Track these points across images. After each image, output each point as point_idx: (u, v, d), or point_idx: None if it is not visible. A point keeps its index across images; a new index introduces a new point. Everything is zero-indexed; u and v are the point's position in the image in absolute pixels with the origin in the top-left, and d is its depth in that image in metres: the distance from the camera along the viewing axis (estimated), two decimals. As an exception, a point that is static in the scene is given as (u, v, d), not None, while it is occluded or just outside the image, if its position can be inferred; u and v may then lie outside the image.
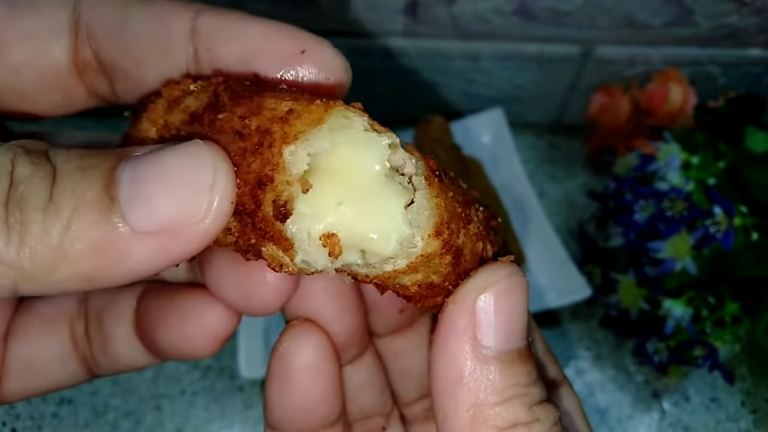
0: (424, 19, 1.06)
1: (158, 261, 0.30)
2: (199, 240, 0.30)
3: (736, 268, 0.89)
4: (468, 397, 0.32)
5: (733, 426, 1.03)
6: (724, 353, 0.91)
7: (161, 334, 0.43)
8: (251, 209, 0.31)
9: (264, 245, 0.32)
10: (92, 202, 0.28)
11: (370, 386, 0.47)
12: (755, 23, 1.05)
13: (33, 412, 1.03)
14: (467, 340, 0.33)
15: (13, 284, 0.28)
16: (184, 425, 1.03)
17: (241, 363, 0.98)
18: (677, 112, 1.11)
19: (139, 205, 0.28)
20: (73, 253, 0.28)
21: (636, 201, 0.93)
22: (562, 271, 1.04)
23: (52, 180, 0.28)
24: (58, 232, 0.28)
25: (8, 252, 0.27)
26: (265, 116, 0.30)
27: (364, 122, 0.32)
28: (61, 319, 0.44)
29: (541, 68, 1.17)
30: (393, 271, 0.33)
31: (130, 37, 0.36)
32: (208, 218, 0.29)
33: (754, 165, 0.91)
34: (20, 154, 0.29)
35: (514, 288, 0.34)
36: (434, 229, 0.32)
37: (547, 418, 0.33)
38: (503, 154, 1.18)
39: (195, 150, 0.30)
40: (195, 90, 0.35)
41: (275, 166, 0.30)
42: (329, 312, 0.42)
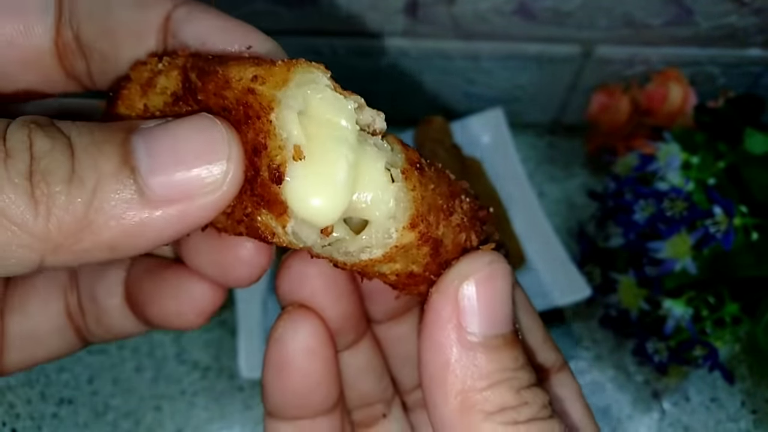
0: (424, 19, 1.06)
1: (177, 228, 0.31)
2: (216, 207, 0.31)
3: (736, 268, 0.89)
4: (455, 383, 0.33)
5: (733, 426, 1.03)
6: (724, 353, 0.91)
7: (152, 309, 0.44)
8: (251, 176, 0.32)
9: (259, 214, 0.33)
10: (114, 174, 0.29)
11: (368, 372, 0.48)
12: (755, 23, 1.05)
13: (33, 412, 1.03)
14: (452, 328, 0.33)
15: (39, 257, 0.29)
16: (184, 425, 1.03)
17: (241, 363, 0.98)
18: (677, 112, 1.11)
19: (160, 174, 0.30)
20: (98, 223, 0.29)
21: (636, 201, 0.93)
22: (562, 271, 1.04)
23: (71, 153, 0.29)
24: (83, 203, 0.29)
25: (37, 223, 0.28)
26: (235, 89, 0.31)
27: (327, 80, 0.32)
28: (55, 291, 0.46)
29: (541, 68, 1.17)
30: (369, 260, 0.34)
31: (110, 20, 0.38)
32: (224, 186, 0.31)
33: (754, 165, 0.91)
34: (35, 128, 0.29)
35: (495, 274, 0.34)
36: (409, 222, 0.33)
37: (536, 402, 0.34)
38: (503, 154, 1.18)
39: (207, 122, 0.31)
40: (163, 69, 0.35)
41: (266, 133, 0.31)
42: (324, 297, 0.43)
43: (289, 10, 1.04)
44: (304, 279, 0.43)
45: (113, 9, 0.38)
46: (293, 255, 0.43)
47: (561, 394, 0.41)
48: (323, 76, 0.32)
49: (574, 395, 0.41)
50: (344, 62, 1.15)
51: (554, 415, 0.34)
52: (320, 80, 0.32)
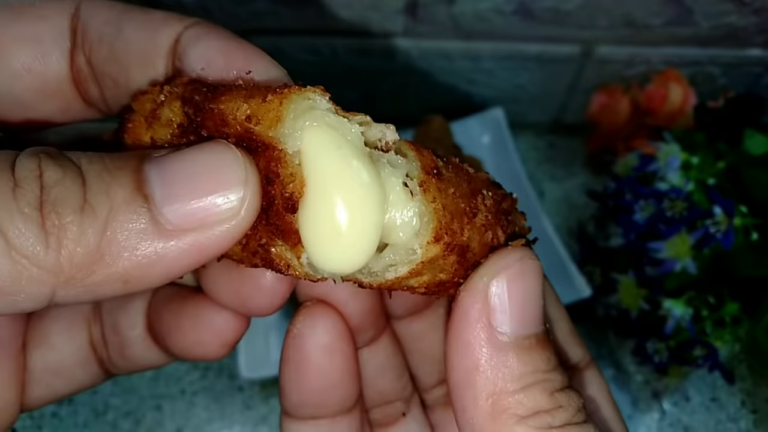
0: (424, 19, 1.06)
1: (193, 259, 0.30)
2: (233, 235, 0.30)
3: (736, 268, 0.89)
4: (486, 385, 0.32)
5: (733, 426, 1.03)
6: (724, 353, 0.91)
7: (174, 340, 0.43)
8: (265, 205, 0.31)
9: (274, 245, 0.32)
10: (127, 203, 0.28)
11: (388, 370, 0.46)
12: (755, 23, 1.05)
13: (33, 412, 1.03)
14: (482, 328, 0.32)
15: (51, 291, 0.28)
16: (184, 425, 1.03)
17: (240, 363, 0.98)
18: (677, 112, 1.11)
19: (175, 202, 0.29)
20: (111, 254, 0.28)
21: (636, 201, 0.93)
22: (562, 271, 1.04)
23: (83, 182, 0.28)
24: (95, 233, 0.28)
25: (48, 257, 0.27)
26: (233, 126, 0.31)
27: (327, 102, 0.31)
28: (79, 323, 0.45)
29: (541, 68, 1.17)
30: (395, 278, 0.32)
31: (120, 45, 0.37)
32: (242, 212, 0.30)
33: (753, 166, 0.91)
34: (45, 158, 0.28)
35: (526, 271, 0.33)
36: (433, 236, 0.32)
37: (570, 405, 0.32)
38: (503, 154, 1.18)
39: (222, 149, 0.30)
40: (165, 99, 0.35)
41: (278, 161, 0.30)
42: (342, 292, 0.42)
43: (289, 10, 1.04)
44: None
45: (123, 32, 0.37)
46: None
47: (590, 393, 0.40)
48: (322, 99, 0.31)
49: (604, 394, 0.40)
50: (344, 62, 1.15)
51: (589, 419, 0.33)
52: (319, 104, 0.31)
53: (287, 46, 1.12)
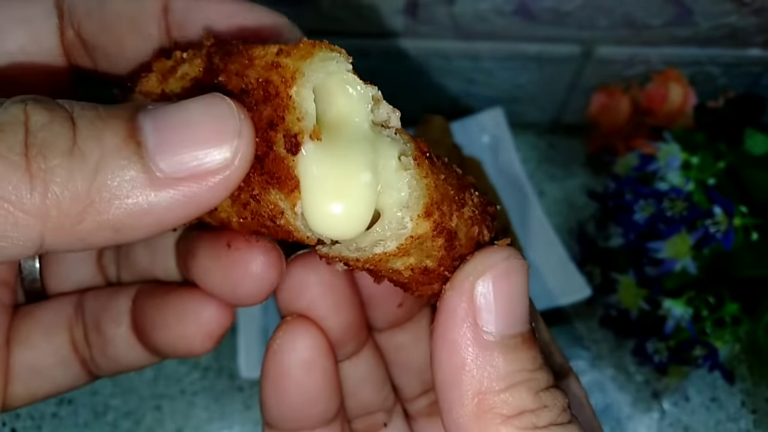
0: (424, 19, 1.06)
1: (185, 210, 0.29)
2: (225, 186, 0.30)
3: (736, 268, 0.89)
4: (472, 384, 0.32)
5: (733, 426, 1.03)
6: (724, 353, 0.91)
7: (158, 334, 0.43)
8: (262, 152, 0.31)
9: (266, 193, 0.32)
10: (118, 149, 0.28)
11: (369, 382, 0.46)
12: (755, 23, 1.05)
13: (33, 412, 1.03)
14: (468, 327, 0.32)
15: (39, 236, 0.27)
16: (184, 425, 1.03)
17: (240, 363, 0.98)
18: (677, 112, 1.11)
19: (168, 150, 0.28)
20: (101, 200, 0.27)
21: (636, 201, 0.93)
22: (562, 271, 1.04)
23: (72, 125, 0.27)
24: (85, 179, 0.27)
25: (33, 199, 0.26)
26: (258, 65, 0.31)
27: (348, 64, 0.32)
28: (60, 323, 0.45)
29: (541, 68, 1.17)
30: (383, 253, 0.32)
31: (109, 16, 0.38)
32: (235, 163, 0.29)
33: (753, 166, 0.91)
34: (32, 103, 0.28)
35: (512, 271, 0.33)
36: (424, 210, 0.32)
37: (555, 405, 0.32)
38: (503, 154, 1.18)
39: (217, 101, 0.30)
40: (187, 58, 0.35)
41: (285, 107, 0.31)
42: (323, 307, 0.42)
43: (289, 10, 1.04)
44: (304, 288, 0.42)
45: (109, 3, 0.38)
46: (293, 264, 0.42)
47: (574, 394, 0.40)
48: (344, 60, 0.32)
49: (583, 401, 0.40)
50: (344, 62, 1.15)
51: (573, 419, 0.33)
52: (342, 62, 0.32)
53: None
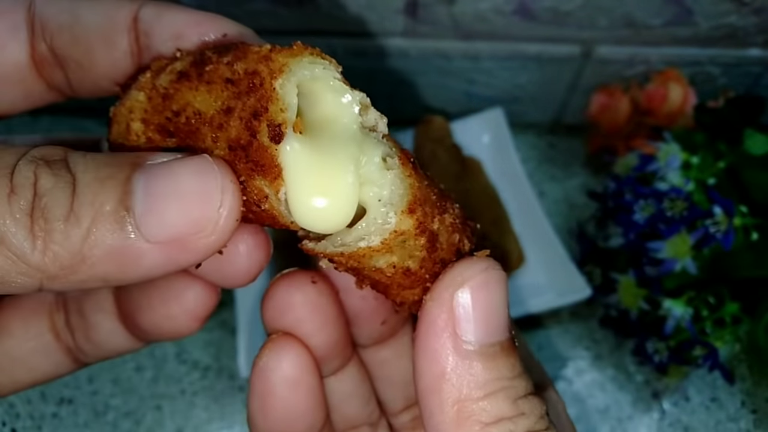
0: (424, 19, 1.06)
1: (167, 267, 0.32)
2: (205, 251, 0.33)
3: (736, 268, 0.89)
4: (452, 392, 0.33)
5: (733, 426, 1.03)
6: (724, 353, 0.91)
7: (143, 317, 0.44)
8: (246, 141, 0.33)
9: (252, 180, 0.33)
10: (109, 213, 0.31)
11: (354, 397, 0.48)
12: (755, 23, 1.05)
13: (33, 412, 1.03)
14: (448, 336, 0.33)
15: (38, 282, 0.31)
16: (184, 425, 1.03)
17: (240, 363, 0.98)
18: (677, 112, 1.11)
19: (152, 217, 0.31)
20: (92, 258, 0.31)
21: (636, 201, 0.93)
22: (562, 271, 1.04)
23: (73, 190, 0.31)
24: (78, 240, 0.30)
25: (34, 256, 0.30)
26: (251, 58, 0.33)
27: (336, 72, 0.34)
28: (39, 311, 0.46)
29: (541, 68, 1.17)
30: (368, 248, 0.34)
31: (80, 29, 0.39)
32: (214, 234, 0.32)
33: (753, 166, 0.91)
34: (42, 165, 0.31)
35: (491, 282, 0.34)
36: (407, 206, 0.33)
37: (533, 412, 0.33)
38: (503, 154, 1.18)
39: (205, 168, 0.32)
40: (179, 57, 0.37)
41: (269, 98, 0.32)
42: (309, 325, 0.43)
43: (289, 10, 1.04)
44: (289, 307, 0.43)
45: (81, 17, 0.39)
46: (279, 282, 0.43)
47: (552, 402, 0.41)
48: (333, 68, 0.34)
49: (560, 412, 0.42)
50: (344, 62, 1.14)
51: (551, 426, 0.34)
52: (330, 69, 0.34)
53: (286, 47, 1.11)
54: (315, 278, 0.44)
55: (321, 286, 0.44)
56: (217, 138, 0.34)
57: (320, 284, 0.44)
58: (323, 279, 0.44)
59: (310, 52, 0.33)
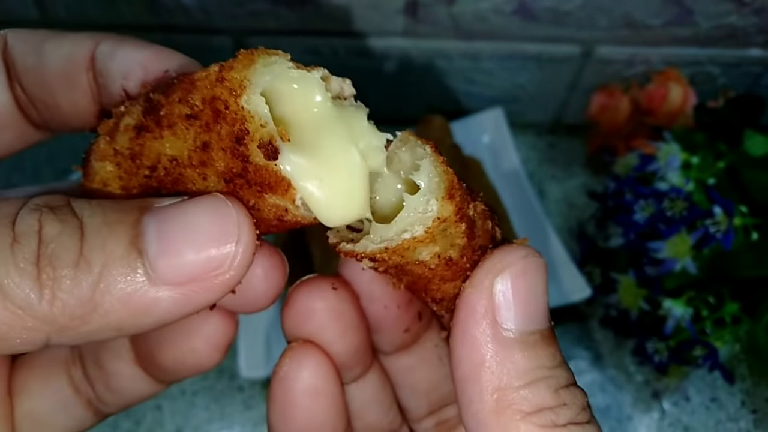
0: (424, 19, 1.06)
1: (183, 309, 0.31)
2: (223, 290, 0.31)
3: (736, 268, 0.89)
4: (491, 380, 0.32)
5: (733, 426, 1.03)
6: (724, 353, 0.91)
7: (164, 355, 0.43)
8: (240, 169, 0.32)
9: (263, 200, 0.33)
10: (121, 257, 0.30)
11: (375, 404, 0.47)
12: (755, 23, 1.05)
13: (33, 412, 1.03)
14: (487, 324, 0.33)
15: (46, 337, 0.29)
16: (184, 425, 1.03)
17: (241, 363, 0.98)
18: (677, 112, 1.11)
19: (167, 259, 0.30)
20: (104, 305, 0.29)
21: (636, 201, 0.93)
22: (562, 271, 1.04)
23: (81, 235, 0.30)
24: (89, 286, 0.29)
25: (41, 307, 0.28)
26: (202, 86, 0.31)
27: (288, 62, 0.33)
28: (55, 366, 0.44)
29: (541, 68, 1.17)
30: (412, 239, 0.33)
31: (43, 71, 0.38)
32: (232, 270, 0.31)
33: (753, 166, 0.91)
34: (46, 212, 0.30)
35: (530, 269, 0.34)
36: (446, 192, 0.33)
37: (575, 403, 0.32)
38: (503, 154, 1.18)
39: (219, 205, 0.32)
40: (125, 110, 0.35)
41: (242, 119, 0.31)
42: (330, 332, 0.42)
43: (289, 10, 1.04)
44: (309, 314, 0.42)
45: (43, 58, 0.38)
46: (299, 289, 0.42)
47: None
48: (284, 59, 0.33)
49: None
50: (344, 62, 1.15)
51: (593, 419, 0.33)
52: (283, 62, 0.33)
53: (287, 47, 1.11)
54: (336, 284, 0.43)
55: (342, 292, 0.43)
56: (206, 175, 0.33)
57: (341, 291, 0.43)
58: (344, 285, 0.43)
59: (259, 55, 0.32)
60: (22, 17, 1.07)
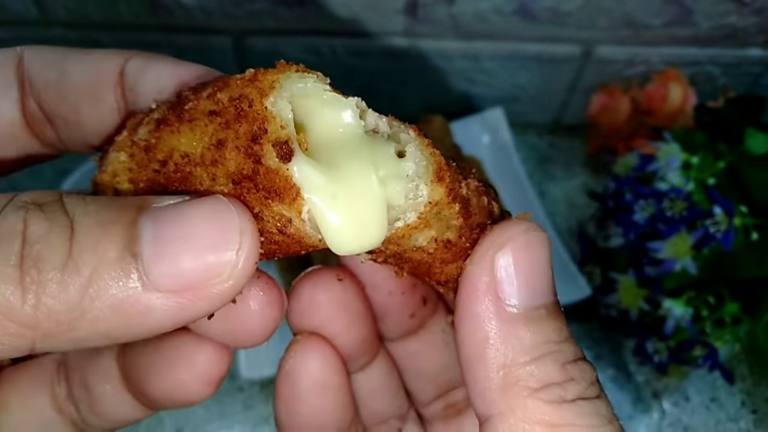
0: (424, 19, 1.06)
1: (178, 318, 0.29)
2: (221, 299, 0.30)
3: (736, 268, 0.89)
4: (497, 357, 0.31)
5: (733, 426, 1.03)
6: (724, 353, 0.91)
7: (152, 384, 0.40)
8: (250, 171, 0.31)
9: (268, 208, 0.32)
10: (114, 260, 0.28)
11: (382, 392, 0.46)
12: (755, 23, 1.05)
13: (33, 412, 1.03)
14: (490, 300, 0.32)
15: (30, 343, 0.27)
16: (184, 425, 1.03)
17: (241, 363, 0.98)
18: (677, 112, 1.11)
19: (163, 264, 0.28)
20: (93, 311, 0.27)
21: (636, 201, 0.93)
22: (562, 271, 1.04)
23: (71, 234, 0.27)
24: (77, 291, 0.27)
25: (24, 310, 0.27)
26: (234, 86, 0.31)
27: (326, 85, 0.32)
28: (39, 384, 0.43)
29: (541, 68, 1.17)
30: (406, 227, 0.32)
31: (66, 86, 0.37)
32: (231, 279, 0.29)
33: (754, 165, 0.91)
34: (33, 210, 0.28)
35: (532, 243, 0.33)
36: (435, 175, 0.32)
37: (583, 378, 0.32)
38: (503, 154, 1.18)
39: (220, 208, 0.30)
40: (156, 107, 0.35)
41: (264, 119, 0.30)
42: (336, 324, 0.41)
43: (289, 10, 1.04)
44: (314, 307, 0.41)
45: (67, 74, 0.37)
46: (303, 282, 0.42)
47: None
48: (322, 81, 0.32)
49: None
50: (344, 62, 1.15)
51: (602, 394, 0.32)
52: (319, 83, 0.32)
53: (287, 47, 1.12)
54: (340, 275, 0.42)
55: (347, 283, 0.42)
56: (215, 175, 0.32)
57: (346, 281, 0.42)
58: (349, 276, 0.43)
59: (296, 69, 0.31)
60: (22, 17, 1.07)
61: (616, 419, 0.32)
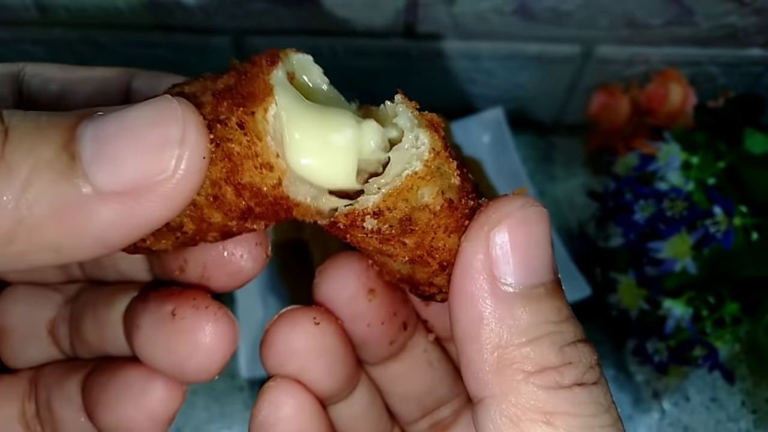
0: (424, 19, 1.06)
1: (126, 225, 0.27)
2: (170, 201, 0.27)
3: (736, 268, 0.89)
4: (491, 338, 0.30)
5: (733, 426, 1.03)
6: (724, 353, 0.91)
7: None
8: (233, 82, 0.31)
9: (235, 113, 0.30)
10: (51, 161, 0.25)
11: (364, 418, 0.44)
12: (755, 23, 1.05)
13: (33, 412, 1.03)
14: (484, 279, 0.30)
15: None
16: (184, 425, 1.03)
17: (241, 363, 0.98)
18: (677, 112, 1.11)
19: (103, 162, 0.26)
20: (32, 219, 0.25)
21: (636, 201, 0.93)
22: (562, 271, 1.04)
23: (4, 138, 0.25)
24: (12, 196, 0.25)
25: None
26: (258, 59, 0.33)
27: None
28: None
29: (541, 68, 1.17)
30: (414, 175, 0.31)
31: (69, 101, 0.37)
32: (177, 175, 0.27)
33: (753, 165, 0.91)
34: None
35: (530, 219, 0.31)
36: (431, 125, 0.33)
37: (581, 362, 0.30)
38: (503, 154, 1.18)
39: (163, 104, 0.28)
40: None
41: (257, 56, 0.33)
42: (315, 372, 0.39)
43: (289, 10, 1.04)
44: (291, 354, 0.39)
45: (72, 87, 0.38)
46: (279, 323, 0.40)
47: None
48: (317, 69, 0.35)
49: None
50: (344, 62, 1.15)
51: (601, 379, 0.31)
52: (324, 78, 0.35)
53: (286, 47, 1.11)
54: (317, 318, 0.40)
55: (324, 325, 0.40)
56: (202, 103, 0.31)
57: (323, 324, 0.40)
58: (326, 315, 0.40)
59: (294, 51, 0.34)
60: (22, 17, 1.07)
61: (614, 407, 0.31)
